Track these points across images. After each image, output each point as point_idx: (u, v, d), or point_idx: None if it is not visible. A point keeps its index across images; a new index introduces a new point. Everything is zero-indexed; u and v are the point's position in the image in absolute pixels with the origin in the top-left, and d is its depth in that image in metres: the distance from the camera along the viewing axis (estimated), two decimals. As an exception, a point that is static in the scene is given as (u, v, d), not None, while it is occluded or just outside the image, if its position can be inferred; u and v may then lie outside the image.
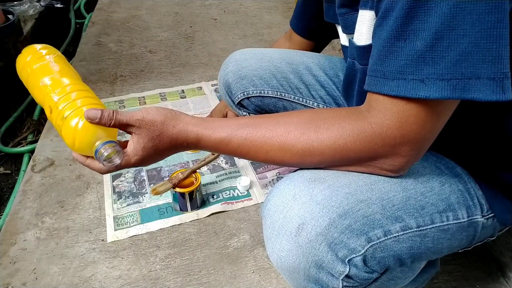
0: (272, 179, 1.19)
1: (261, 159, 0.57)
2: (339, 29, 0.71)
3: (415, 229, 0.55)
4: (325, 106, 0.89)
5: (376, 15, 0.50)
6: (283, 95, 0.89)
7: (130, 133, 0.59)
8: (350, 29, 0.64)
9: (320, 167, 0.57)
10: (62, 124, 0.58)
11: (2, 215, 1.16)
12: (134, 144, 0.58)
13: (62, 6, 2.20)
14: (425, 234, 0.56)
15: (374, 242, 0.53)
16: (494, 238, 0.67)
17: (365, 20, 0.55)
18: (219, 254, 0.99)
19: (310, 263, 0.51)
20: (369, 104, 0.51)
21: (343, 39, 0.70)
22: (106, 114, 0.56)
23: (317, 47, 0.99)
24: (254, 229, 1.05)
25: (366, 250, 0.52)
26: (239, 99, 0.93)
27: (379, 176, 0.55)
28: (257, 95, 0.90)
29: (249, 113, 0.96)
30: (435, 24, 0.42)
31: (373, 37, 0.50)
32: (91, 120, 0.56)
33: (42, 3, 2.05)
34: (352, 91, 0.69)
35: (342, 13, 0.65)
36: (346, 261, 0.52)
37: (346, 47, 0.69)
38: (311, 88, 0.88)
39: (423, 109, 0.46)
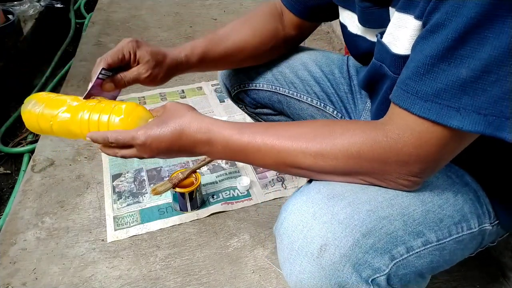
0: (272, 179, 1.19)
1: (272, 161, 0.55)
2: (352, 17, 0.67)
3: (435, 243, 0.54)
4: (319, 102, 0.88)
5: (423, 26, 0.46)
6: (278, 89, 0.89)
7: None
8: (372, 24, 0.61)
9: (334, 177, 0.55)
10: (114, 107, 0.66)
11: (2, 215, 1.16)
12: (151, 122, 0.62)
13: (62, 6, 2.20)
14: (443, 247, 0.55)
15: (397, 260, 0.52)
16: (495, 244, 0.67)
17: (406, 26, 0.50)
18: (219, 254, 0.99)
19: (333, 285, 0.50)
20: (390, 117, 0.49)
21: (356, 28, 0.67)
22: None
23: (309, 30, 0.88)
24: (254, 229, 1.05)
25: (390, 269, 0.51)
26: (235, 91, 0.94)
27: (397, 190, 0.54)
28: (252, 88, 0.91)
29: (245, 106, 0.96)
30: (487, 56, 0.40)
31: (413, 48, 0.48)
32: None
33: (42, 3, 2.05)
34: (377, 91, 0.67)
35: (365, 6, 0.60)
36: (370, 281, 0.50)
37: (364, 38, 0.65)
38: (306, 84, 0.88)
39: (447, 134, 0.45)
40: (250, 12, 0.85)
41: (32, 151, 1.33)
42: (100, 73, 0.67)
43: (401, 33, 0.51)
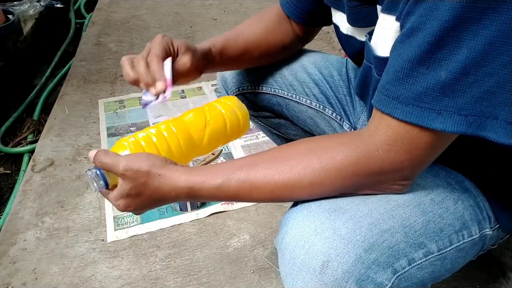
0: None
1: (268, 199, 0.55)
2: (343, 17, 0.67)
3: (436, 254, 0.55)
4: (318, 104, 0.88)
5: (400, 29, 0.47)
6: (277, 91, 0.89)
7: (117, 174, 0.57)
8: (361, 23, 0.61)
9: (333, 195, 0.55)
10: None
11: (2, 215, 1.16)
12: (119, 189, 0.56)
13: (62, 6, 2.20)
14: (444, 256, 0.56)
15: (400, 273, 0.52)
16: (495, 246, 0.67)
17: (390, 27, 0.50)
18: (219, 254, 0.99)
19: None
20: (376, 126, 0.49)
21: (347, 29, 0.67)
22: (98, 154, 0.57)
23: (313, 32, 0.89)
24: (254, 229, 1.05)
25: (392, 283, 0.51)
26: (234, 94, 0.93)
27: (397, 200, 0.55)
28: (251, 90, 0.91)
29: None
30: (464, 58, 0.40)
31: (391, 52, 0.48)
32: (90, 158, 0.59)
33: (42, 3, 2.05)
34: (367, 92, 0.67)
35: (353, 6, 0.60)
36: None
37: (355, 38, 0.66)
38: (305, 86, 0.88)
39: (435, 136, 0.46)
40: (261, 12, 0.85)
41: (32, 151, 1.33)
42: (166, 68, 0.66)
43: (385, 34, 0.51)
